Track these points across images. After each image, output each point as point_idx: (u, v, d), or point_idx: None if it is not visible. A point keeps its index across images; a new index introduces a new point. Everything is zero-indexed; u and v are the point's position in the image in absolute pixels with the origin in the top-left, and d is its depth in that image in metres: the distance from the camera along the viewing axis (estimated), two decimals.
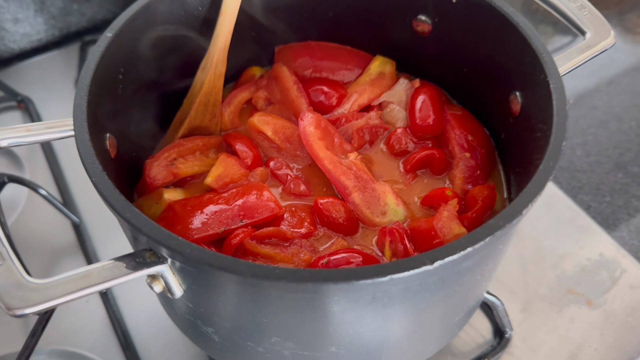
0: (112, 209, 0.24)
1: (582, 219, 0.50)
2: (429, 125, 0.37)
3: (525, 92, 0.32)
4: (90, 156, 0.26)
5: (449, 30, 0.37)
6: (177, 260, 0.24)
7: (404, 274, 0.22)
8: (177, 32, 0.36)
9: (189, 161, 0.35)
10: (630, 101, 0.61)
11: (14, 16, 0.64)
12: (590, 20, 0.35)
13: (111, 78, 0.32)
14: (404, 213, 0.34)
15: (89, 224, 0.50)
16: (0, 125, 0.57)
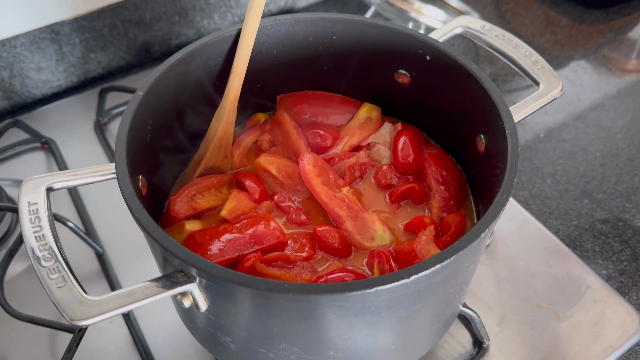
0: (153, 239, 0.30)
1: (551, 241, 0.56)
2: (409, 162, 0.43)
3: (487, 135, 0.39)
4: (131, 196, 0.31)
5: (425, 82, 0.44)
6: (204, 278, 0.29)
7: (386, 287, 0.28)
8: (195, 87, 0.43)
9: (206, 196, 0.41)
10: (595, 134, 0.67)
11: (37, 65, 0.70)
12: (543, 73, 0.41)
13: (142, 129, 0.37)
14: (390, 238, 0.40)
15: (111, 253, 0.55)
16: (27, 164, 0.63)
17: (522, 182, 0.62)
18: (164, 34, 0.76)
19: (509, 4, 0.87)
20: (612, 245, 0.56)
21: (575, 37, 0.81)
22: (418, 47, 0.42)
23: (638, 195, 0.60)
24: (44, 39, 0.68)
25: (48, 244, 0.30)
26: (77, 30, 0.69)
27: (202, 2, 0.75)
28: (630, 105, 0.70)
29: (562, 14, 0.85)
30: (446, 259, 0.28)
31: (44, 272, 0.29)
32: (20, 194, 0.33)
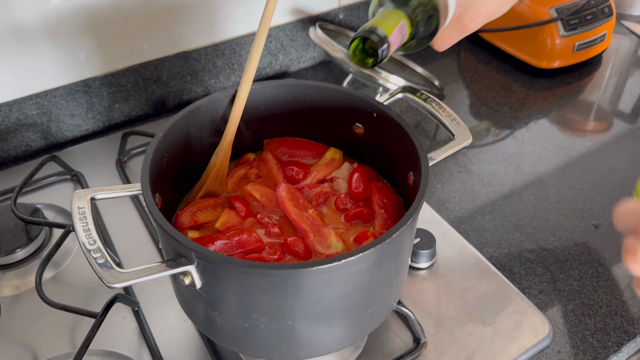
0: (165, 232, 0.43)
1: (484, 264, 0.68)
2: (359, 192, 0.56)
3: (414, 172, 0.52)
4: (152, 204, 0.45)
5: (374, 132, 0.58)
6: (201, 260, 0.42)
7: (324, 266, 0.40)
8: (201, 131, 0.57)
9: (204, 213, 0.54)
10: (530, 181, 0.80)
11: (71, 112, 0.84)
12: (458, 128, 0.55)
13: (160, 160, 0.51)
14: (342, 247, 0.52)
15: (125, 263, 0.68)
16: (58, 192, 0.76)
17: (465, 217, 0.75)
18: (177, 89, 0.91)
19: (469, 72, 1.03)
20: (536, 270, 0.68)
21: (523, 101, 0.96)
22: (368, 107, 0.56)
23: (561, 231, 0.73)
24: (78, 91, 0.83)
25: (92, 234, 0.43)
26: (106, 84, 0.84)
27: (210, 65, 0.91)
28: (562, 159, 0.84)
29: (513, 81, 1.00)
30: (365, 250, 0.41)
31: (89, 253, 0.42)
32: (72, 201, 0.46)
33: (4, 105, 0.77)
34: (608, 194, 0.78)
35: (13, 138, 0.81)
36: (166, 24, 0.83)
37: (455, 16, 0.50)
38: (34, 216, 0.69)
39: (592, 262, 0.69)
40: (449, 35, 0.52)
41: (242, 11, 0.88)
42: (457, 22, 0.51)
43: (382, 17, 0.47)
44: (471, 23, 0.51)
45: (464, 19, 0.50)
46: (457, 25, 0.51)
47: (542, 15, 0.95)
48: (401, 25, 0.46)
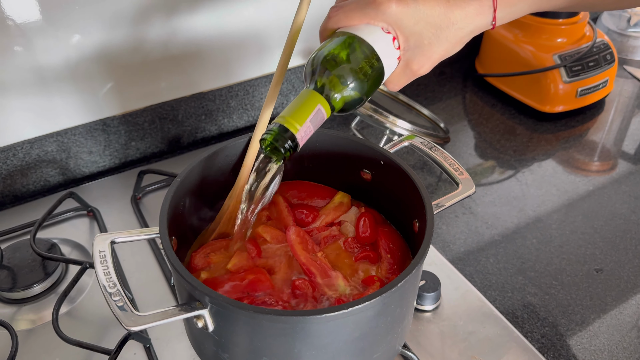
0: (181, 277, 0.45)
1: (488, 308, 0.69)
2: (366, 237, 0.58)
3: (419, 219, 0.54)
4: (170, 250, 0.47)
5: (381, 179, 0.60)
6: (214, 305, 0.44)
7: (333, 314, 0.42)
8: (216, 175, 0.59)
9: (217, 254, 0.57)
10: (533, 224, 0.82)
11: (89, 150, 0.87)
12: (462, 178, 0.57)
13: (177, 204, 0.53)
14: (349, 290, 0.54)
15: (139, 300, 0.70)
16: (75, 227, 0.79)
17: (470, 259, 0.76)
18: (192, 128, 0.94)
19: (474, 114, 1.05)
20: (538, 314, 0.69)
21: (527, 144, 0.98)
22: (375, 154, 0.59)
23: (564, 275, 0.74)
24: (96, 130, 0.86)
25: (112, 278, 0.46)
26: (123, 123, 0.88)
27: (224, 105, 0.95)
28: (565, 202, 0.86)
29: (518, 124, 1.03)
30: (371, 299, 0.43)
31: (109, 296, 0.44)
32: (94, 245, 0.48)
33: (26, 143, 0.81)
34: (610, 238, 0.79)
35: (33, 174, 0.84)
36: (183, 66, 0.87)
37: (403, 62, 0.50)
38: (51, 252, 0.71)
39: (594, 307, 0.70)
40: (400, 79, 0.52)
41: (256, 56, 0.92)
42: (406, 68, 0.51)
43: (294, 109, 0.47)
44: (420, 69, 0.50)
45: (412, 65, 0.50)
46: (406, 71, 0.51)
47: (546, 61, 0.99)
48: (315, 113, 0.47)
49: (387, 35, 0.49)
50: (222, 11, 0.85)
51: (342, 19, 0.49)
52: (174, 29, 0.83)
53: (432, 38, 0.48)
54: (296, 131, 0.46)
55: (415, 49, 0.49)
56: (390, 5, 0.47)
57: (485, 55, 1.11)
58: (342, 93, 0.48)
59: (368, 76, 0.48)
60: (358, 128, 0.97)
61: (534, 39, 1.02)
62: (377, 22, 0.48)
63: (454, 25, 0.48)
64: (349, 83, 0.48)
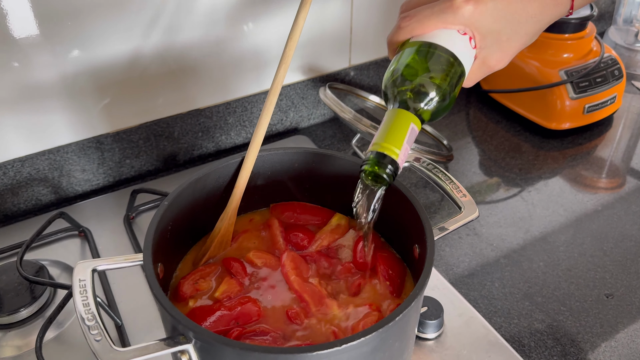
0: (165, 311, 0.42)
1: (493, 336, 0.66)
2: (364, 262, 0.56)
3: (420, 245, 0.52)
4: (153, 279, 0.44)
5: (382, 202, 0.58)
6: (199, 340, 0.41)
7: (325, 351, 0.39)
8: (207, 197, 0.57)
9: (207, 280, 0.54)
10: (540, 247, 0.79)
11: (82, 167, 0.85)
12: (465, 201, 0.54)
13: (164, 229, 0.51)
14: (346, 319, 0.51)
15: (128, 325, 0.67)
16: (65, 248, 0.76)
17: (474, 283, 0.73)
18: (189, 145, 0.92)
19: (478, 131, 1.03)
20: (546, 342, 0.66)
21: (533, 162, 0.95)
22: None
23: (572, 301, 0.71)
24: (90, 147, 0.84)
25: (91, 309, 0.43)
26: (118, 140, 0.86)
27: (221, 122, 0.92)
28: (573, 223, 0.83)
29: (523, 142, 1.00)
30: (367, 334, 0.40)
31: (87, 328, 0.41)
32: (74, 273, 0.46)
33: (17, 161, 0.79)
34: (620, 261, 0.76)
35: (24, 192, 0.82)
36: (179, 82, 0.85)
37: (480, 59, 0.49)
38: (38, 274, 0.69)
39: (604, 335, 0.67)
40: (476, 75, 0.51)
41: (253, 72, 0.90)
42: (483, 65, 0.50)
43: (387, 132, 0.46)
44: (497, 64, 0.50)
45: (489, 61, 0.50)
46: (483, 67, 0.50)
47: (552, 77, 0.96)
48: (410, 132, 0.46)
49: (464, 37, 0.48)
50: (220, 26, 0.83)
51: (416, 28, 0.48)
52: (171, 45, 0.81)
53: (511, 34, 0.48)
54: (397, 156, 0.45)
55: (493, 46, 0.48)
56: (467, 7, 0.45)
57: None
58: (431, 104, 0.47)
59: (452, 82, 0.48)
60: (359, 145, 0.94)
61: (539, 54, 0.99)
62: (454, 26, 0.47)
63: (532, 19, 0.47)
64: (436, 93, 0.46)
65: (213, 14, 0.82)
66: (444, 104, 0.48)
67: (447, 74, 0.47)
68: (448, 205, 0.86)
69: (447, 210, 0.85)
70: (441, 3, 0.46)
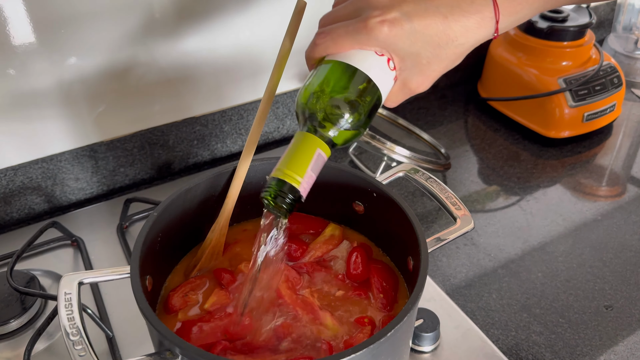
0: (152, 326, 0.41)
1: (490, 349, 0.65)
2: (358, 274, 0.54)
3: (413, 257, 0.51)
4: (139, 293, 0.43)
5: (374, 211, 0.56)
6: (185, 356, 0.40)
7: None
8: (198, 208, 0.56)
9: (196, 292, 0.53)
10: (539, 257, 0.78)
11: (76, 176, 0.84)
12: (460, 212, 0.53)
13: (153, 240, 0.50)
14: (339, 329, 0.50)
15: (119, 337, 0.65)
16: (57, 258, 0.76)
17: (471, 295, 0.72)
18: (184, 154, 0.91)
19: (476, 139, 1.02)
20: (544, 355, 0.65)
21: (531, 171, 0.94)
22: (367, 186, 0.55)
23: (571, 313, 0.70)
24: (84, 156, 0.83)
25: (76, 324, 0.42)
26: (112, 149, 0.85)
27: (217, 130, 0.92)
28: (572, 233, 0.81)
29: (522, 150, 0.99)
30: (357, 351, 0.39)
31: (71, 344, 0.41)
32: (60, 286, 0.45)
33: (10, 170, 0.78)
34: (620, 272, 0.75)
35: (17, 201, 0.81)
36: (174, 90, 0.85)
37: (400, 82, 0.47)
38: (29, 285, 0.68)
39: (603, 347, 0.66)
40: (397, 97, 0.49)
41: (250, 79, 0.90)
42: (404, 87, 0.48)
43: (291, 158, 0.44)
44: (418, 87, 0.48)
45: (410, 84, 0.47)
46: (404, 89, 0.48)
47: (550, 85, 0.95)
48: (315, 159, 0.44)
49: (381, 58, 0.45)
50: (216, 34, 0.83)
51: (330, 46, 0.46)
52: (167, 53, 0.80)
53: (431, 57, 0.45)
54: (298, 184, 0.43)
55: (413, 69, 0.46)
56: (382, 29, 0.43)
57: (488, 78, 1.08)
58: (340, 129, 0.44)
59: (366, 106, 0.45)
60: (356, 153, 0.94)
61: (538, 62, 0.98)
62: (369, 48, 0.45)
63: (453, 42, 0.45)
64: (347, 117, 0.44)
65: (208, 21, 0.81)
66: (355, 129, 0.45)
67: (360, 98, 0.44)
68: (446, 214, 0.85)
69: (445, 219, 0.84)
70: (356, 22, 0.44)
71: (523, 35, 1.00)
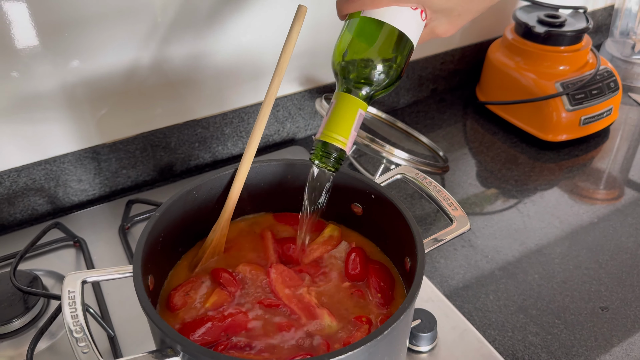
0: (154, 324, 0.42)
1: (487, 349, 0.65)
2: (356, 275, 0.55)
3: (411, 257, 0.51)
4: (142, 292, 0.44)
5: (372, 213, 0.57)
6: (186, 354, 0.41)
7: None
8: (199, 209, 0.57)
9: (197, 292, 0.54)
10: (535, 259, 0.79)
11: (78, 178, 0.86)
12: (456, 213, 0.54)
13: (155, 240, 0.51)
14: (337, 326, 0.51)
15: (120, 337, 0.66)
16: (60, 259, 0.76)
17: (469, 296, 0.73)
18: (185, 156, 0.92)
19: (474, 142, 1.03)
20: (540, 356, 0.66)
21: (529, 174, 0.95)
22: (366, 188, 0.56)
23: (567, 314, 0.71)
24: (86, 157, 0.84)
25: (80, 321, 0.43)
26: (114, 151, 0.86)
27: (218, 133, 0.93)
28: (569, 235, 0.82)
29: (520, 153, 1.00)
30: (354, 349, 0.40)
31: (74, 341, 0.41)
32: (64, 284, 0.46)
33: (13, 171, 0.79)
34: (616, 274, 0.76)
35: (20, 202, 0.82)
36: (177, 93, 0.86)
37: (429, 28, 0.51)
38: (32, 285, 0.69)
39: (599, 349, 0.66)
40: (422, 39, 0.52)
41: (251, 83, 0.91)
42: (431, 33, 0.52)
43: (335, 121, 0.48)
44: (445, 34, 0.52)
45: (437, 30, 0.51)
46: (430, 34, 0.52)
47: (548, 89, 0.96)
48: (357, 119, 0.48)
49: (415, 12, 0.48)
50: (218, 38, 0.84)
51: (367, 3, 0.48)
52: (169, 56, 0.82)
53: (462, 10, 0.49)
54: (344, 145, 0.49)
55: (443, 19, 0.50)
56: None
57: (486, 82, 1.09)
58: (379, 84, 0.48)
59: (402, 60, 0.49)
60: (355, 156, 0.95)
61: (535, 67, 0.99)
62: (406, 4, 0.48)
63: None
64: (385, 73, 0.48)
65: (210, 25, 0.82)
66: (392, 81, 0.49)
67: (397, 52, 0.48)
68: (444, 217, 0.86)
69: (444, 221, 0.85)
70: None
71: (521, 39, 1.01)
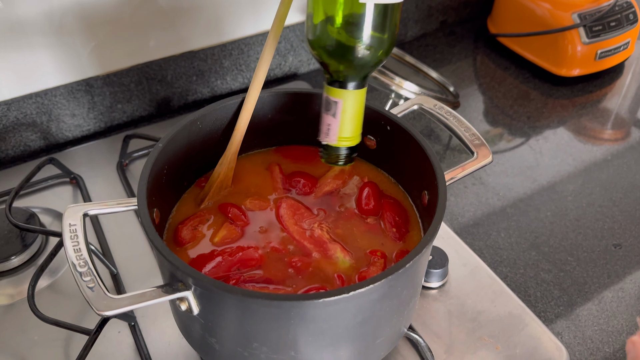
0: (163, 257, 0.39)
1: (498, 285, 0.64)
2: (370, 209, 0.53)
3: (429, 191, 0.49)
4: (149, 225, 0.41)
5: (387, 146, 0.54)
6: (198, 287, 0.39)
7: (332, 298, 0.37)
8: (204, 141, 0.53)
9: (205, 226, 0.51)
10: (548, 196, 0.77)
11: (72, 112, 0.82)
12: (478, 145, 0.51)
13: (159, 173, 0.48)
14: (350, 262, 0.49)
15: (123, 274, 0.65)
16: (56, 196, 0.74)
17: (480, 233, 0.71)
18: (183, 90, 0.88)
19: (485, 78, 0.99)
20: (552, 292, 0.65)
21: (541, 110, 0.92)
22: (381, 119, 0.53)
23: (579, 251, 0.69)
24: (79, 90, 0.80)
25: (83, 255, 0.40)
26: (108, 84, 0.81)
27: (217, 65, 0.88)
28: (582, 172, 0.80)
29: (532, 89, 0.96)
30: (375, 282, 0.38)
31: (79, 275, 0.39)
32: (64, 217, 0.43)
33: (2, 104, 0.75)
34: (630, 212, 0.74)
35: (11, 138, 0.78)
36: (172, 22, 0.80)
37: None
38: (29, 222, 0.66)
39: (612, 285, 0.65)
40: None
41: (251, 11, 0.85)
42: None
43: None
44: None
45: None
46: None
47: (564, 21, 0.92)
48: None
49: None
50: None
51: None
52: None
53: None
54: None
55: None
56: None
57: (499, 13, 1.04)
58: (375, 66, 0.47)
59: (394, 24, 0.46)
60: None
61: None
62: None
63: None
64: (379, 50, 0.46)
65: None
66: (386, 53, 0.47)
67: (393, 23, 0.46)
68: (453, 154, 0.83)
69: (452, 159, 0.83)
70: None
71: None
